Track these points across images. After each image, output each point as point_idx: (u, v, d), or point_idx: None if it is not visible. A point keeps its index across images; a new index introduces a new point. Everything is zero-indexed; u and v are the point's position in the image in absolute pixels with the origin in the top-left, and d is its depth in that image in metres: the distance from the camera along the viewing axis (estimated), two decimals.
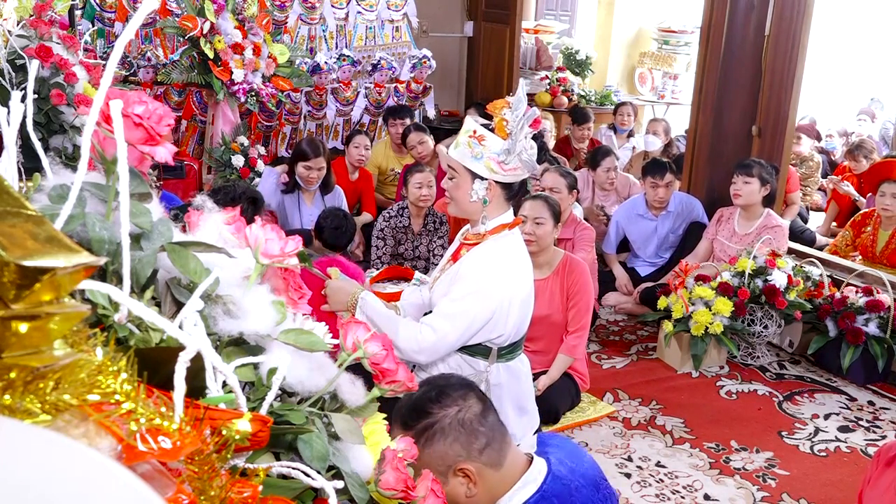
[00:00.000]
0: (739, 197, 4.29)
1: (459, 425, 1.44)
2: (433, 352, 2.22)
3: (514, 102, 2.17)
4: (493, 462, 1.46)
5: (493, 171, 2.18)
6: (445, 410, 1.45)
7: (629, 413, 3.54)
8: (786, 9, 4.41)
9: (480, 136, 2.17)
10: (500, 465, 1.47)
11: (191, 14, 4.67)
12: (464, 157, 2.20)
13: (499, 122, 2.16)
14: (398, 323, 2.24)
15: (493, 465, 1.46)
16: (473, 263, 2.24)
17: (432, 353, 2.23)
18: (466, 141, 2.19)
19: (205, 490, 0.57)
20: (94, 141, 0.72)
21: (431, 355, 2.24)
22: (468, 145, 2.18)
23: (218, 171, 5.07)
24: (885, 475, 1.94)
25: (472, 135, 2.18)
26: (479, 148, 2.17)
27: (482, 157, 2.17)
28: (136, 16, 0.67)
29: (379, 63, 6.23)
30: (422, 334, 2.20)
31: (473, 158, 2.18)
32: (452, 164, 2.24)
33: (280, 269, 0.87)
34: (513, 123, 2.15)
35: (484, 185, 2.20)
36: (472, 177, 2.21)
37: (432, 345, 2.20)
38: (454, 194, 2.27)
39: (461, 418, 1.44)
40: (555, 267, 3.41)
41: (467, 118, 2.28)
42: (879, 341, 3.82)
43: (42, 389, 0.49)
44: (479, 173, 2.19)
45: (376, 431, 0.95)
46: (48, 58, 2.63)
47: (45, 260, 0.47)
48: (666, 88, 8.56)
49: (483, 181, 2.20)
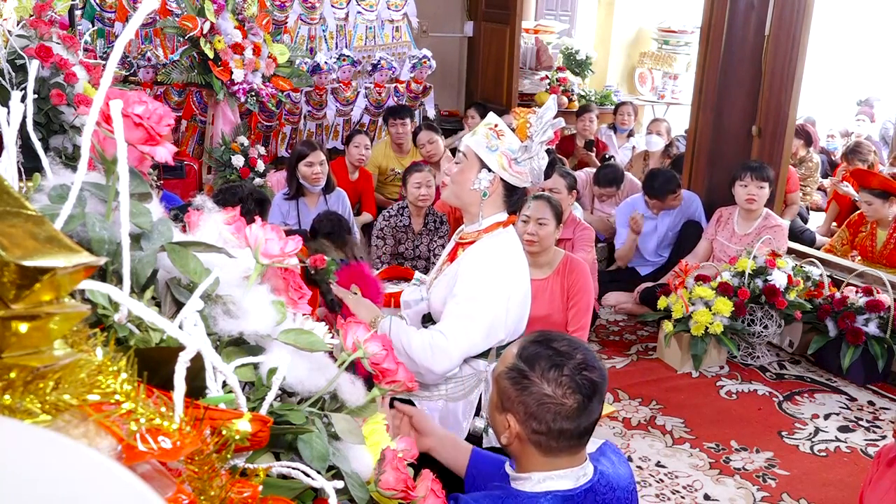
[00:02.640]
0: (754, 202, 4.27)
1: (537, 402, 1.46)
2: (448, 357, 2.15)
3: (541, 111, 2.19)
4: (540, 447, 1.49)
5: (502, 167, 2.19)
6: (542, 385, 1.46)
7: (629, 413, 3.54)
8: (786, 9, 4.41)
9: (500, 132, 2.19)
10: (546, 455, 1.49)
11: (191, 14, 4.67)
12: (478, 146, 2.20)
13: (521, 124, 2.19)
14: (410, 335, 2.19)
15: (538, 448, 1.49)
16: (471, 265, 2.22)
17: (448, 359, 2.16)
18: (485, 132, 2.21)
19: (205, 490, 0.57)
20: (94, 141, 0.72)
21: (447, 362, 2.16)
22: (485, 136, 2.20)
23: (218, 171, 5.07)
24: (886, 476, 1.94)
25: (493, 128, 2.21)
26: (495, 141, 2.18)
27: (496, 150, 2.18)
28: (136, 16, 0.67)
29: (379, 63, 6.23)
30: (434, 339, 2.14)
31: (488, 149, 2.19)
32: (464, 150, 2.24)
33: (280, 269, 0.87)
34: (536, 126, 2.16)
35: (489, 177, 2.20)
36: (481, 166, 2.21)
37: (444, 350, 2.14)
38: (456, 178, 2.25)
39: (543, 400, 1.46)
40: (555, 267, 3.41)
41: (490, 114, 2.30)
42: (879, 341, 3.82)
43: (42, 389, 0.49)
44: (489, 164, 2.19)
45: (376, 431, 0.95)
46: (48, 58, 2.63)
47: (45, 260, 0.47)
48: (666, 88, 8.56)
49: (489, 173, 2.20)
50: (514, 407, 1.48)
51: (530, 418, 1.46)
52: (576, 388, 1.45)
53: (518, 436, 1.49)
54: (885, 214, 4.46)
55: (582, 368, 1.48)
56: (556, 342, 1.52)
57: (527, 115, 2.20)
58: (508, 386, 1.49)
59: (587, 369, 1.48)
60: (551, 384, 1.46)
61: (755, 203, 4.26)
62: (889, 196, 4.43)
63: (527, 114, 2.20)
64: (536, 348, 1.50)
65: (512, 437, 1.50)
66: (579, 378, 1.46)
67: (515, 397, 1.48)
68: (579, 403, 1.45)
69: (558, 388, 1.45)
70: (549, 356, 1.48)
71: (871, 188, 4.49)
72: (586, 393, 1.46)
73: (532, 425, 1.46)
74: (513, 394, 1.48)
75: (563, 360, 1.47)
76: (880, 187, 4.46)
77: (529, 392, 1.46)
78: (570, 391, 1.45)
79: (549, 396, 1.45)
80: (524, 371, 1.48)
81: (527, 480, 1.51)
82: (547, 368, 1.47)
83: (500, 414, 1.52)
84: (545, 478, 1.49)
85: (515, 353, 1.52)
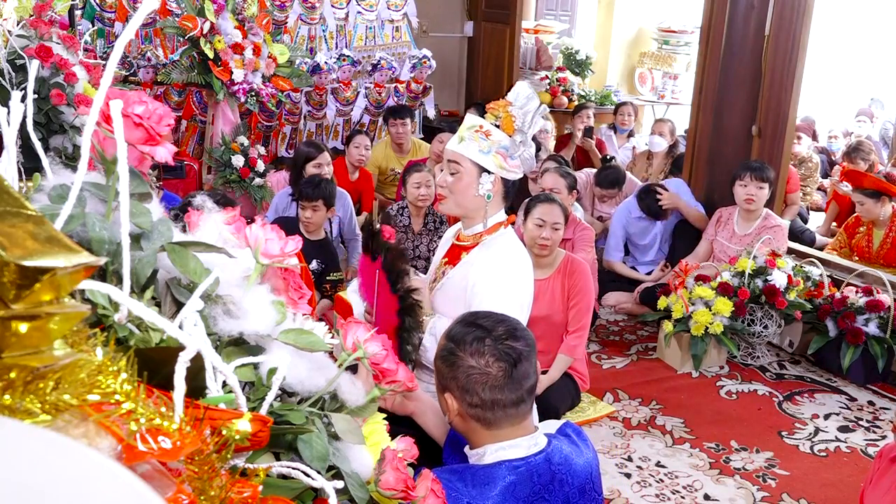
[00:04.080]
0: (753, 202, 4.26)
1: (465, 376, 1.55)
2: None
3: (519, 99, 2.15)
4: (481, 421, 1.56)
5: (500, 167, 2.16)
6: (467, 359, 1.55)
7: (629, 413, 3.54)
8: (786, 8, 4.41)
9: (487, 131, 2.14)
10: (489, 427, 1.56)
11: (191, 14, 4.67)
12: (470, 151, 2.15)
13: (507, 118, 2.14)
14: None
15: (481, 423, 1.56)
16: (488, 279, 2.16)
17: None
18: (472, 135, 2.15)
19: (205, 490, 0.57)
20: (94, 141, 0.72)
21: None
22: (474, 139, 2.14)
23: (218, 171, 5.07)
24: (887, 475, 1.94)
25: (479, 129, 2.15)
26: (485, 142, 2.14)
27: (490, 152, 2.14)
28: (136, 16, 0.67)
29: (379, 63, 6.23)
30: None
31: (481, 152, 2.14)
32: (456, 159, 2.17)
33: (280, 269, 0.87)
34: (521, 119, 2.13)
35: (490, 178, 2.17)
36: (480, 171, 2.17)
37: None
38: (455, 188, 2.19)
39: (469, 373, 1.54)
40: (556, 267, 3.41)
41: (468, 115, 2.24)
42: (879, 341, 3.82)
43: (42, 389, 0.49)
44: (487, 167, 2.16)
45: (376, 431, 0.95)
46: (48, 58, 2.63)
47: (45, 260, 0.47)
48: (666, 88, 8.55)
49: (490, 175, 2.17)
50: (449, 385, 1.58)
51: (464, 392, 1.55)
52: (498, 355, 1.54)
53: (459, 413, 1.58)
54: (878, 214, 4.47)
55: (504, 338, 1.56)
56: (480, 319, 1.62)
57: (506, 107, 2.16)
58: (441, 366, 1.60)
59: (510, 338, 1.57)
60: (474, 356, 1.55)
61: (754, 203, 4.26)
62: (881, 196, 4.44)
63: (505, 106, 2.16)
64: (462, 327, 1.60)
65: (453, 414, 1.59)
66: (501, 346, 1.55)
67: (449, 375, 1.57)
68: (504, 371, 1.54)
69: (481, 358, 1.54)
70: (473, 332, 1.57)
71: (862, 188, 4.50)
72: (510, 360, 1.55)
73: (467, 399, 1.55)
74: (446, 372, 1.58)
75: (484, 333, 1.57)
76: (872, 187, 4.47)
77: (458, 367, 1.55)
78: (492, 360, 1.54)
79: (473, 368, 1.54)
80: (452, 349, 1.57)
81: (481, 455, 1.58)
82: (470, 342, 1.56)
83: (441, 395, 1.62)
84: (497, 448, 1.56)
85: (445, 335, 1.62)
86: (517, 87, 2.19)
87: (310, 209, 3.98)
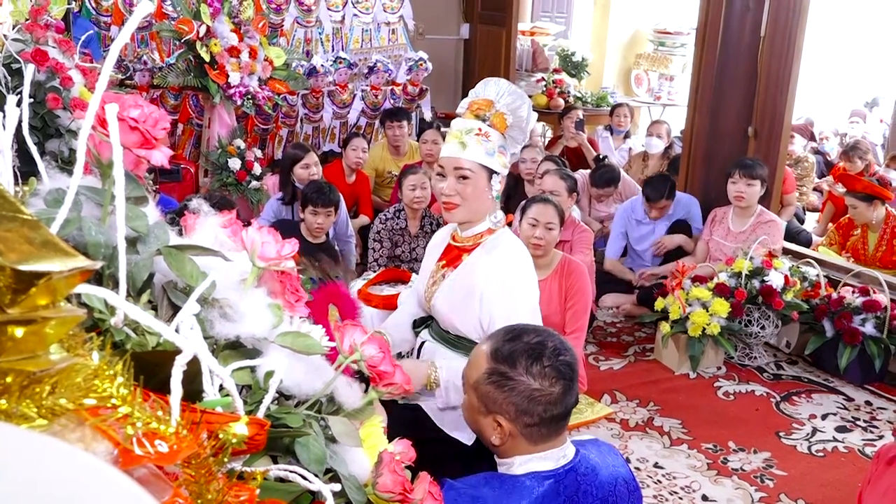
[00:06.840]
0: (743, 199, 4.28)
1: (527, 398, 1.50)
2: None
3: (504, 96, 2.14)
4: (530, 438, 1.53)
5: (503, 166, 2.16)
6: (528, 381, 1.51)
7: (627, 414, 3.54)
8: (781, 10, 4.42)
9: (486, 133, 2.12)
10: (535, 443, 1.54)
11: (187, 17, 4.67)
12: (480, 156, 2.11)
13: (498, 116, 2.13)
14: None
15: (528, 439, 1.53)
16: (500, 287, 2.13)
17: None
18: (475, 140, 2.12)
19: (202, 494, 0.57)
20: (90, 145, 0.72)
21: None
22: (478, 143, 2.12)
23: (214, 175, 5.07)
24: (885, 475, 1.94)
25: (479, 132, 2.12)
26: (488, 143, 2.12)
27: (494, 153, 2.13)
28: (132, 19, 0.67)
29: (375, 65, 6.23)
30: None
31: (487, 155, 2.12)
32: (465, 165, 2.11)
33: (277, 272, 0.87)
34: (512, 116, 2.13)
35: (499, 179, 2.17)
36: (489, 173, 2.15)
37: None
38: (469, 195, 2.13)
39: (532, 395, 1.50)
40: (553, 268, 3.41)
41: (460, 119, 2.19)
42: (876, 341, 3.83)
43: (38, 394, 0.49)
44: (495, 169, 2.14)
45: (373, 434, 0.95)
46: (44, 62, 2.63)
47: (40, 264, 0.47)
48: (662, 90, 8.57)
49: (498, 175, 2.16)
50: (501, 408, 1.52)
51: (522, 414, 1.51)
52: (558, 375, 1.52)
53: (509, 433, 1.53)
54: (870, 217, 4.49)
55: (557, 354, 1.54)
56: (525, 336, 1.57)
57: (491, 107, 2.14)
58: (492, 390, 1.53)
59: (562, 354, 1.54)
60: (537, 378, 1.51)
61: (744, 201, 4.29)
62: (873, 199, 4.46)
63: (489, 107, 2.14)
64: (510, 346, 1.54)
65: (505, 436, 1.53)
66: (559, 364, 1.52)
67: (503, 399, 1.51)
68: (564, 387, 1.52)
69: (544, 379, 1.51)
70: (526, 351, 1.53)
71: (854, 191, 4.52)
72: (568, 376, 1.53)
73: (524, 420, 1.51)
74: (498, 396, 1.52)
75: (537, 352, 1.53)
76: (864, 190, 4.49)
77: (517, 391, 1.51)
78: (554, 379, 1.51)
79: (538, 390, 1.50)
80: (506, 372, 1.52)
81: (510, 465, 1.56)
82: (529, 364, 1.51)
83: (484, 417, 1.56)
84: (527, 460, 1.54)
85: (489, 355, 1.55)
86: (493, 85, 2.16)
87: (322, 215, 4.05)
